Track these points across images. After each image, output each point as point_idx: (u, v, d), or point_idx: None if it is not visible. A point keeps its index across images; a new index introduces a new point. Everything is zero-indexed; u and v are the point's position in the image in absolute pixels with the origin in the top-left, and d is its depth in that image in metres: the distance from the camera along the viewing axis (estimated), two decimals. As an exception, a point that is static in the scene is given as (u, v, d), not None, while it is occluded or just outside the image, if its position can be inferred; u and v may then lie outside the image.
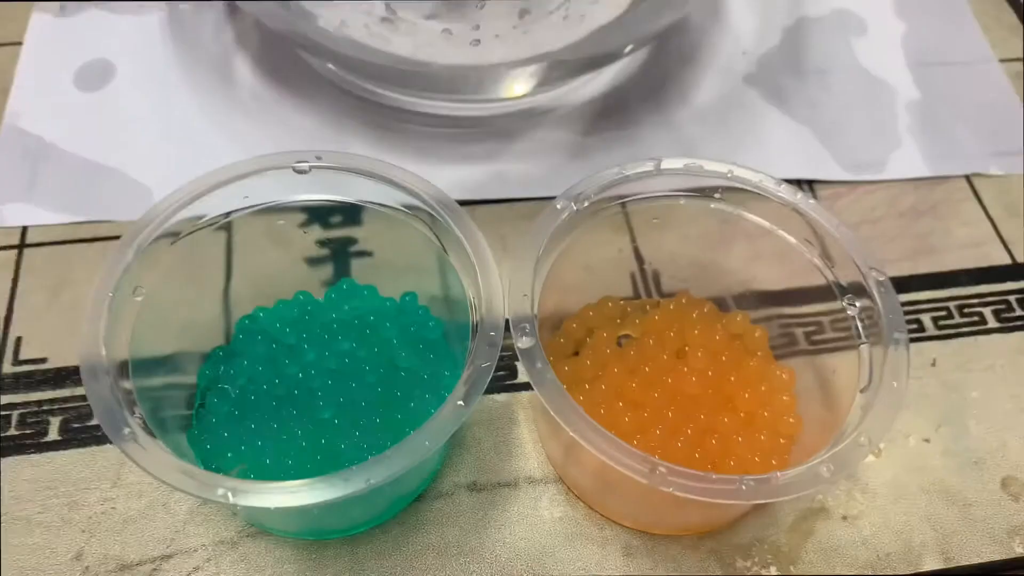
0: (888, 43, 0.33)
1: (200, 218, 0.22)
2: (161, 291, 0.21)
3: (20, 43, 0.31)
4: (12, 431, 0.23)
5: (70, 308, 0.25)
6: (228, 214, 0.22)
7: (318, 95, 0.30)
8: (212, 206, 0.22)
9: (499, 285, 0.20)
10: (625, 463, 0.17)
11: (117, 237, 0.26)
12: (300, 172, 0.22)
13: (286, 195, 0.23)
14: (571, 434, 0.18)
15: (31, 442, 0.23)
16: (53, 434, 0.23)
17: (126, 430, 0.17)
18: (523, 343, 0.19)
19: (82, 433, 0.23)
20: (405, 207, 0.23)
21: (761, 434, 0.22)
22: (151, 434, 0.18)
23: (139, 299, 0.20)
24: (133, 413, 0.18)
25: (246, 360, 0.22)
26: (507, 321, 0.19)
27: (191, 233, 0.21)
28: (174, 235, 0.21)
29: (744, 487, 0.17)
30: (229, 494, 0.16)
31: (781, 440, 0.22)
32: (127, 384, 0.19)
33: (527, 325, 0.19)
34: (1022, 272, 0.28)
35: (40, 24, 0.31)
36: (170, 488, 0.17)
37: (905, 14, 0.35)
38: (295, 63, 0.31)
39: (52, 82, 0.30)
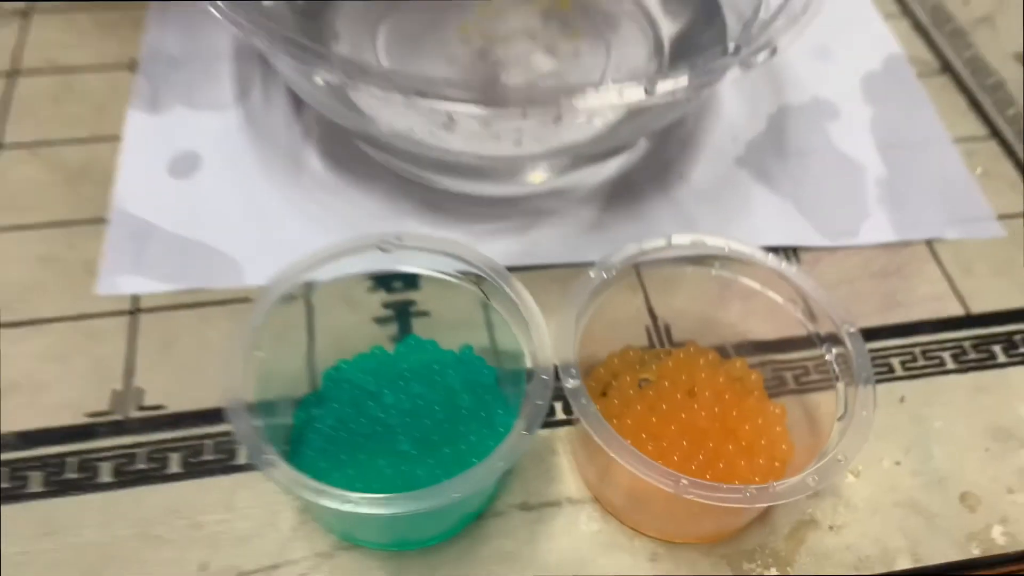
0: (858, 127, 0.39)
1: (298, 286, 0.27)
2: (269, 347, 0.26)
3: (120, 138, 0.36)
4: (140, 465, 0.27)
5: (179, 363, 0.30)
6: (311, 283, 0.27)
7: (375, 179, 0.35)
8: (308, 276, 0.27)
9: (547, 337, 0.25)
10: (656, 478, 0.22)
11: (216, 302, 0.31)
12: (384, 251, 0.27)
13: (359, 267, 0.28)
14: (612, 455, 0.23)
15: (156, 474, 0.27)
16: (174, 467, 0.27)
17: (265, 456, 0.22)
18: (570, 384, 0.24)
19: (198, 466, 0.28)
20: (460, 272, 0.28)
21: (760, 459, 0.27)
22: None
23: (260, 354, 0.25)
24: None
25: (335, 404, 0.27)
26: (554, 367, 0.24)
27: (289, 299, 0.26)
28: (285, 299, 0.26)
29: (748, 494, 0.22)
30: (353, 505, 0.21)
31: (776, 464, 0.27)
32: (256, 423, 0.24)
33: (572, 369, 0.24)
34: (974, 322, 0.33)
35: (135, 121, 0.36)
36: (298, 501, 0.21)
37: (872, 101, 0.40)
38: (355, 151, 0.36)
39: (149, 171, 0.35)
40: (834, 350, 0.27)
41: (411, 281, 0.32)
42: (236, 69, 0.39)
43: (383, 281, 0.32)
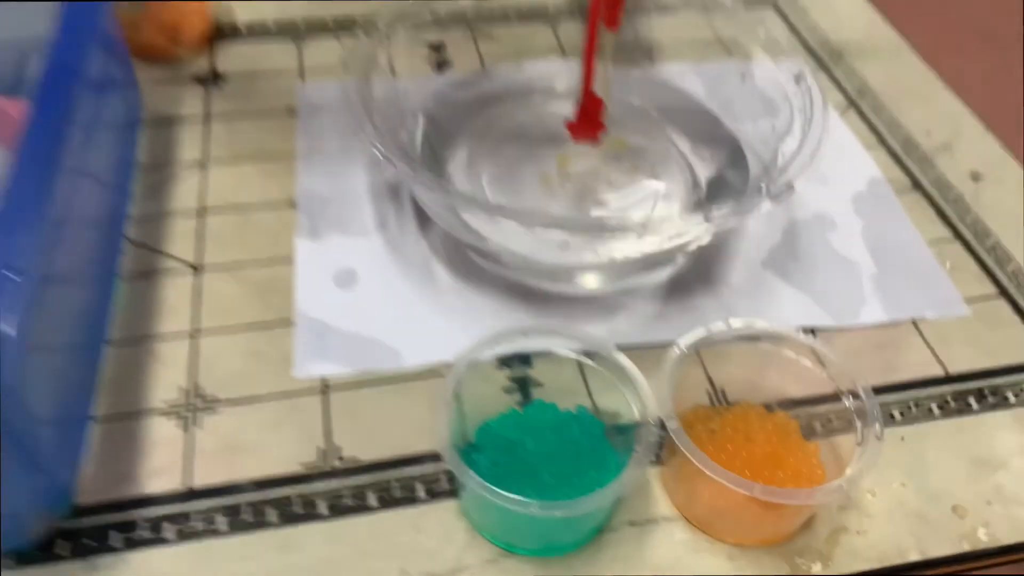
0: (852, 234, 0.51)
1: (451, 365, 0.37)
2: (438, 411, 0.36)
3: (292, 260, 0.47)
4: (347, 501, 0.37)
5: (364, 425, 0.40)
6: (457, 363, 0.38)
7: (486, 282, 0.46)
8: (475, 357, 0.37)
9: (651, 395, 0.35)
10: (739, 483, 0.32)
11: (383, 380, 0.41)
12: (517, 338, 0.38)
13: (495, 351, 0.39)
14: (708, 472, 0.33)
15: (359, 507, 0.37)
16: (372, 502, 0.37)
17: (470, 476, 0.32)
18: (672, 426, 0.34)
19: (389, 501, 0.37)
20: (570, 350, 0.38)
21: (802, 483, 0.37)
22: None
23: (451, 412, 0.35)
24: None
25: (490, 451, 0.37)
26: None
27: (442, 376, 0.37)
28: (450, 377, 0.37)
29: (804, 496, 0.32)
30: (536, 507, 0.31)
31: (814, 484, 0.37)
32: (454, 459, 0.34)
33: (673, 417, 0.34)
34: (953, 380, 0.44)
35: (302, 246, 0.48)
36: (466, 521, 0.31)
37: (861, 214, 0.52)
38: (468, 262, 0.47)
39: (319, 284, 0.46)
40: (850, 402, 0.37)
41: (526, 360, 0.42)
42: (373, 204, 0.50)
43: (506, 361, 0.42)
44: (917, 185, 0.54)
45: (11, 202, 0.32)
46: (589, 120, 0.48)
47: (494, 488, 0.32)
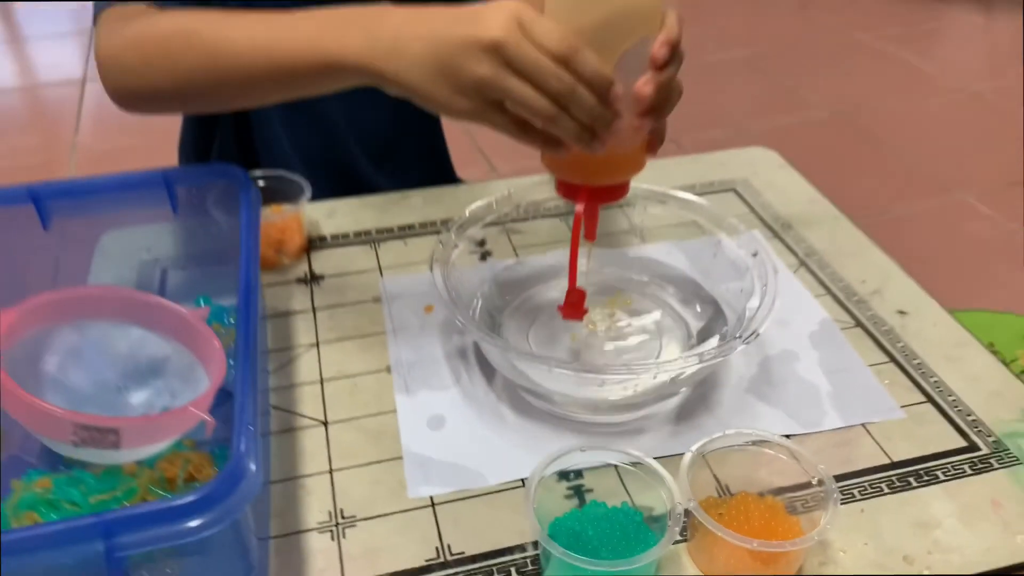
0: (811, 363, 0.67)
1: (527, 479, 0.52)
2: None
3: (395, 411, 0.63)
4: (462, 583, 0.51)
5: (465, 529, 0.54)
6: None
7: (543, 417, 0.62)
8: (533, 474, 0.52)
9: (676, 490, 0.50)
10: (743, 541, 0.47)
11: (475, 495, 0.56)
12: (579, 453, 0.53)
13: (557, 468, 0.54)
14: (722, 535, 0.47)
15: (471, 587, 0.51)
16: (480, 582, 0.51)
17: (557, 552, 0.46)
18: (693, 506, 0.49)
19: (492, 580, 0.51)
20: (614, 462, 0.54)
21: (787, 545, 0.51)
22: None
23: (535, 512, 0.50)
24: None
25: (561, 539, 0.51)
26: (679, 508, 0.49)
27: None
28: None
29: (787, 544, 0.47)
30: (606, 565, 0.45)
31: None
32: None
33: (694, 501, 0.49)
34: (896, 466, 0.58)
35: (401, 401, 0.63)
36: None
37: (816, 348, 0.68)
38: (526, 404, 0.63)
39: (417, 428, 0.61)
40: (819, 487, 0.52)
41: (579, 473, 0.57)
42: (448, 364, 0.66)
43: (564, 475, 0.57)
44: (858, 323, 0.71)
45: (242, 385, 0.48)
46: (574, 307, 0.62)
47: (577, 555, 0.46)
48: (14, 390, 0.50)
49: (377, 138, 0.89)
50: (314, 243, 0.80)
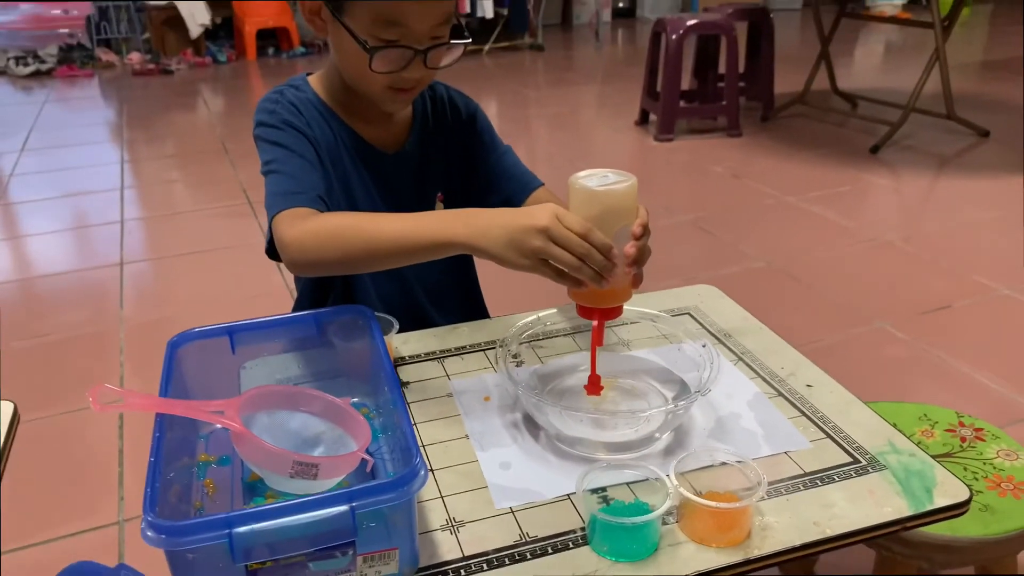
0: (749, 418, 0.99)
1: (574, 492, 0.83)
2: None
3: (476, 460, 0.93)
4: (532, 549, 0.81)
5: (538, 524, 0.84)
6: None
7: (574, 456, 0.93)
8: (578, 486, 0.83)
9: (669, 485, 0.82)
10: (707, 504, 0.78)
11: (540, 504, 0.86)
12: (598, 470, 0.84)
13: (590, 481, 0.85)
14: (698, 501, 0.78)
15: (540, 551, 0.80)
16: (549, 551, 0.81)
17: (600, 516, 0.77)
18: (681, 491, 0.80)
19: (560, 548, 0.81)
20: (627, 479, 0.85)
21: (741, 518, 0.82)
22: None
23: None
24: None
25: (597, 522, 0.82)
26: None
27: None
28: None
29: (735, 505, 0.78)
30: (631, 520, 0.76)
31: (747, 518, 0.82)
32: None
33: (679, 488, 0.81)
34: (807, 474, 0.90)
35: (480, 455, 0.94)
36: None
37: (753, 409, 1.01)
38: (561, 450, 0.94)
39: (493, 469, 0.92)
40: (758, 486, 0.83)
41: (604, 488, 0.88)
42: (507, 431, 0.98)
43: (593, 490, 0.88)
44: (779, 393, 1.05)
45: (408, 427, 0.80)
46: (594, 385, 0.97)
47: (613, 516, 0.77)
48: (255, 439, 0.81)
49: (434, 287, 1.25)
50: (397, 361, 1.12)
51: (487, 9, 6.42)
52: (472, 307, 1.33)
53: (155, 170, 4.25)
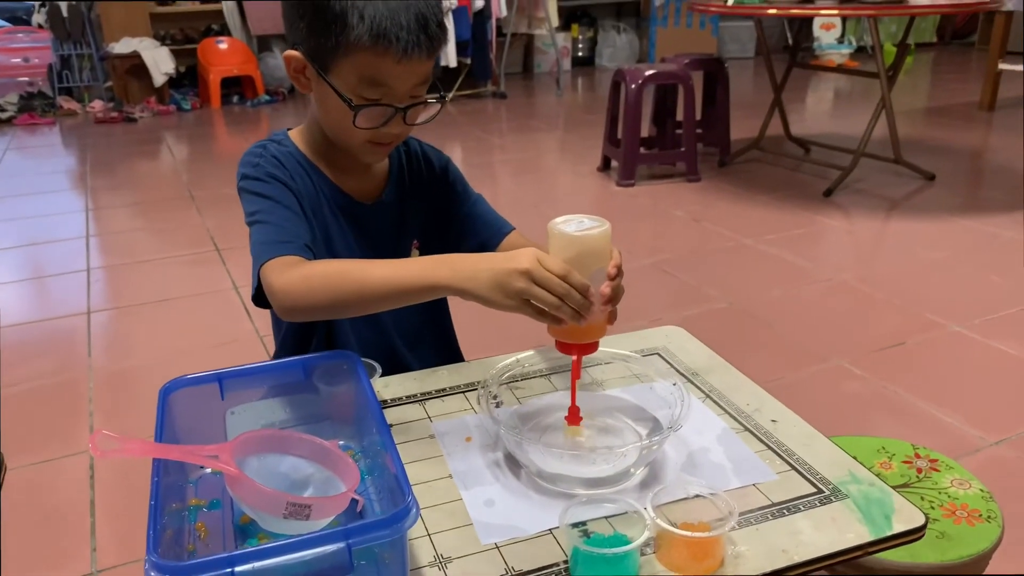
0: (718, 452, 1.05)
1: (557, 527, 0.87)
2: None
3: (461, 499, 0.97)
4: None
5: (524, 557, 0.88)
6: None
7: (554, 492, 0.97)
8: (561, 520, 0.88)
9: (646, 517, 0.86)
10: (682, 533, 0.82)
11: (523, 540, 0.90)
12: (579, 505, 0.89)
13: (570, 515, 0.89)
14: (673, 531, 0.83)
15: (530, 585, 0.84)
16: (535, 583, 0.84)
17: (583, 546, 0.81)
18: (658, 524, 0.85)
19: (542, 581, 0.85)
20: (606, 513, 0.89)
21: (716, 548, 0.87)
22: None
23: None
24: None
25: (578, 553, 0.86)
26: None
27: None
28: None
29: (707, 534, 0.83)
30: (612, 551, 0.80)
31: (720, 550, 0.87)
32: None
33: (656, 519, 0.85)
34: (774, 504, 0.95)
35: (464, 493, 0.98)
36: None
37: (721, 444, 1.07)
38: (537, 485, 0.98)
39: (478, 506, 0.96)
40: (730, 516, 0.88)
41: (584, 522, 0.92)
42: (490, 470, 1.02)
43: (574, 524, 0.92)
44: (746, 428, 1.10)
45: (400, 468, 0.83)
46: (574, 416, 1.02)
47: (595, 547, 0.81)
48: (250, 482, 0.84)
49: (410, 331, 1.29)
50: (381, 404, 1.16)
51: (451, 59, 6.55)
52: (447, 350, 1.38)
53: (121, 218, 4.24)
